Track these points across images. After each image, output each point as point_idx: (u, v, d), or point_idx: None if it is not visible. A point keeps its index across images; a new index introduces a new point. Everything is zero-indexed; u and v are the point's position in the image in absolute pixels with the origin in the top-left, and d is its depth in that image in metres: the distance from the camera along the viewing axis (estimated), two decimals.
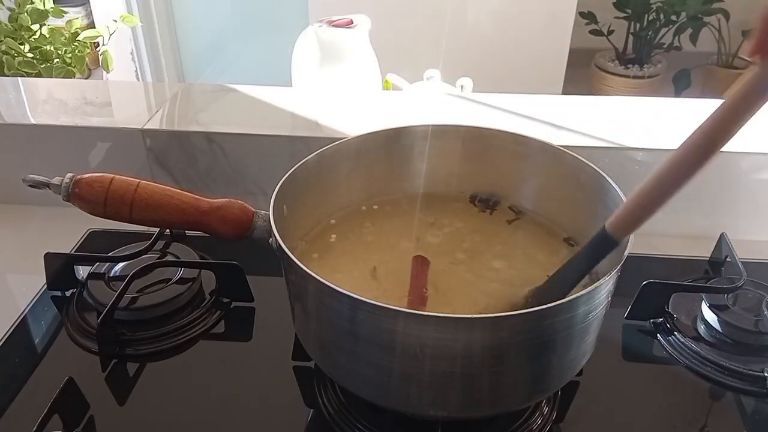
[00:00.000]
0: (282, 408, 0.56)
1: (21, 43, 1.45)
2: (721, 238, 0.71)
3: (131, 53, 2.30)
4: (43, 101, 0.91)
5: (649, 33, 2.57)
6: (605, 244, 0.46)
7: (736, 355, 0.59)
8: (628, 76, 2.60)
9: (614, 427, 0.55)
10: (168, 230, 0.72)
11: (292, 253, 0.46)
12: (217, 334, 0.63)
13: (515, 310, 0.43)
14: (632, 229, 0.45)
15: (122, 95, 0.94)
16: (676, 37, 2.56)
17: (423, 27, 1.98)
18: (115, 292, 0.61)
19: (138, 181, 0.58)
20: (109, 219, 0.58)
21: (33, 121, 0.84)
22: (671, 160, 0.41)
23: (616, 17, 2.56)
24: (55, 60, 1.49)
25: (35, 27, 1.49)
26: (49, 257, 0.66)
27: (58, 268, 0.67)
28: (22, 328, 0.64)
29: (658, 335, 0.62)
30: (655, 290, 0.63)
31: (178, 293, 0.64)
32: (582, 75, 2.61)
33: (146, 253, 0.68)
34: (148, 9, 2.30)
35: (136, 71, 2.34)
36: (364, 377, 0.48)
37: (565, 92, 2.16)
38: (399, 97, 1.13)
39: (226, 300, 0.66)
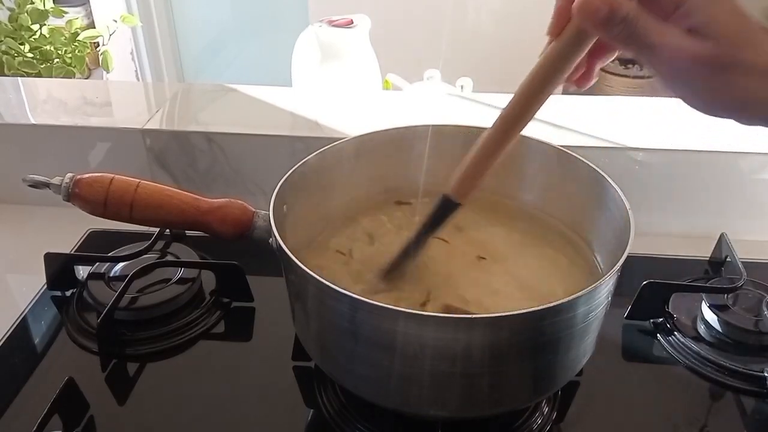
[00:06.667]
0: (282, 408, 0.56)
1: (21, 43, 1.45)
2: (721, 238, 0.71)
3: (131, 53, 2.30)
4: (43, 101, 0.91)
5: None
6: (449, 207, 0.50)
7: (736, 355, 0.59)
8: (628, 76, 2.59)
9: (614, 427, 0.55)
10: (168, 230, 0.72)
11: (292, 253, 0.46)
12: (217, 334, 0.63)
13: None
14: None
15: (122, 95, 0.94)
16: None
17: (423, 27, 1.98)
18: (115, 292, 0.61)
19: (138, 181, 0.58)
20: (109, 219, 0.58)
21: (33, 121, 0.84)
22: (493, 125, 0.45)
23: None
24: (55, 60, 1.49)
25: (35, 27, 1.48)
26: (49, 257, 0.66)
27: (58, 268, 0.67)
28: (22, 328, 0.64)
29: (658, 335, 0.62)
30: (655, 290, 0.63)
31: (178, 293, 0.64)
32: None
33: (146, 253, 0.68)
34: (148, 9, 2.30)
35: (136, 71, 2.34)
36: (364, 377, 0.48)
37: (565, 92, 2.15)
38: (399, 97, 1.13)
39: (226, 300, 0.66)
